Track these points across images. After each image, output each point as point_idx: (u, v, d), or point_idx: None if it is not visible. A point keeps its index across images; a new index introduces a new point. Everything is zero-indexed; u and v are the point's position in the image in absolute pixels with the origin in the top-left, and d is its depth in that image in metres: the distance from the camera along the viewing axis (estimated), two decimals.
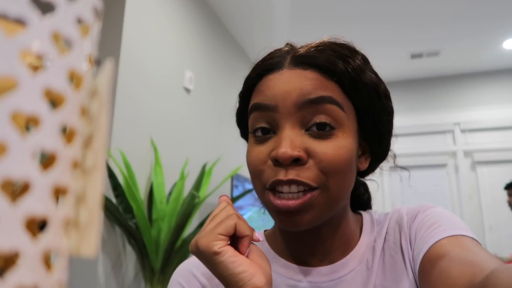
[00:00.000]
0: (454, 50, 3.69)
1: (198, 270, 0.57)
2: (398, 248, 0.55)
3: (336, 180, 0.48)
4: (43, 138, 0.14)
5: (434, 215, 0.53)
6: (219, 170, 2.56)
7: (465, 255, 0.44)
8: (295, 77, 0.50)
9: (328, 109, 0.48)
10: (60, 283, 0.15)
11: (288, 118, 0.48)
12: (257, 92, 0.53)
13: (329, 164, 0.47)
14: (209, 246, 0.43)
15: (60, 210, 0.15)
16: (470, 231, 0.50)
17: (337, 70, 0.50)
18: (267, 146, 0.50)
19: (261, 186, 0.50)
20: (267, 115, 0.50)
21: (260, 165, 0.50)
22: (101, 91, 0.18)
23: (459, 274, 0.42)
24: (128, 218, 1.71)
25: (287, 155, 0.46)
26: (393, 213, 0.60)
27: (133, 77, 1.92)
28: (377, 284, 0.52)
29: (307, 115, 0.48)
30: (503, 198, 3.66)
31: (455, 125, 4.21)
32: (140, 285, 1.88)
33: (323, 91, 0.48)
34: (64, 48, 0.16)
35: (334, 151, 0.47)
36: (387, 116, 0.55)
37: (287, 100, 0.48)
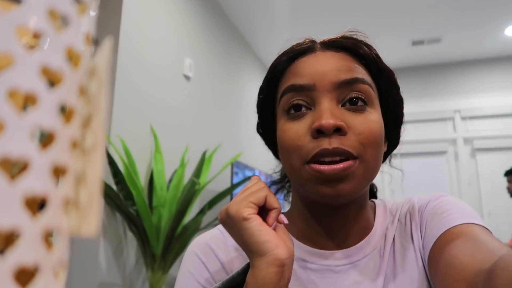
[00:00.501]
0: (455, 37, 3.66)
1: (214, 243, 0.57)
2: (409, 236, 0.55)
3: (372, 152, 0.49)
4: (41, 116, 0.14)
5: (445, 203, 0.54)
6: (219, 157, 2.57)
7: (475, 242, 0.45)
8: (330, 58, 0.53)
9: (362, 88, 0.51)
10: (61, 262, 0.15)
11: (325, 95, 0.50)
12: (291, 74, 0.54)
13: (367, 135, 0.49)
14: (239, 212, 0.44)
15: (59, 189, 0.15)
16: (481, 219, 0.50)
17: (364, 54, 0.54)
18: (305, 122, 0.50)
19: (299, 161, 0.49)
20: (304, 94, 0.51)
21: (299, 140, 0.50)
22: (100, 71, 0.17)
23: (469, 261, 0.42)
24: (129, 205, 1.72)
25: (331, 123, 0.47)
26: (405, 202, 0.61)
27: (132, 65, 1.91)
28: (387, 272, 0.53)
29: (343, 93, 0.50)
30: (502, 185, 3.68)
31: (455, 113, 4.20)
32: (141, 271, 1.90)
33: (357, 73, 0.51)
34: (61, 26, 0.16)
35: (370, 124, 0.49)
36: (401, 104, 0.58)
37: (325, 79, 0.50)
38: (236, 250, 0.57)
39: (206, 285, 0.54)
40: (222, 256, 0.56)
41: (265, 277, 0.42)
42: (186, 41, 2.45)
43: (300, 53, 0.55)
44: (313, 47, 0.55)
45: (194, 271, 0.55)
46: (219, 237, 0.58)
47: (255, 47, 3.74)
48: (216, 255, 0.56)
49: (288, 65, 0.56)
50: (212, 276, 0.55)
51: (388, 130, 0.57)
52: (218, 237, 0.58)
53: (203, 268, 0.55)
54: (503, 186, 3.61)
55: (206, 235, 0.59)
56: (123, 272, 1.78)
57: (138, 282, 1.88)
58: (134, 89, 1.92)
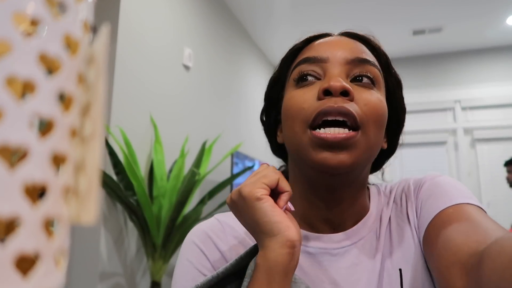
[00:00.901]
0: (456, 26, 3.64)
1: (212, 232, 0.57)
2: (405, 216, 0.56)
3: (374, 128, 0.50)
4: (40, 104, 0.14)
5: (440, 184, 0.54)
6: (219, 147, 2.57)
7: (470, 223, 0.45)
8: (345, 40, 0.56)
9: (372, 70, 0.53)
10: (61, 249, 0.15)
11: (336, 67, 0.52)
12: (306, 50, 0.56)
13: (372, 107, 0.50)
14: (252, 192, 0.45)
15: (59, 177, 0.15)
16: (476, 200, 0.51)
17: (376, 46, 0.57)
18: (312, 89, 0.51)
19: (302, 125, 0.50)
20: (316, 65, 0.53)
21: (304, 102, 0.50)
22: (98, 58, 0.17)
23: (464, 242, 0.42)
24: (129, 195, 1.72)
25: (339, 85, 0.48)
26: (400, 183, 0.61)
27: (131, 55, 1.90)
28: (384, 253, 0.53)
29: (353, 70, 0.52)
30: (501, 175, 3.68)
31: (456, 103, 4.19)
32: (142, 261, 1.91)
33: (369, 56, 0.54)
34: (58, 13, 0.16)
35: (376, 99, 0.51)
36: (404, 112, 0.60)
37: (338, 54, 0.52)
38: (235, 238, 0.57)
39: (207, 273, 0.54)
40: (221, 244, 0.56)
41: (277, 258, 0.43)
42: (186, 31, 2.43)
43: (317, 36, 0.58)
44: (329, 34, 0.59)
45: (194, 259, 0.55)
46: (217, 226, 0.58)
47: (255, 37, 3.71)
48: (215, 244, 0.56)
49: (303, 46, 0.58)
50: (212, 265, 0.54)
51: (389, 129, 0.57)
52: (216, 226, 0.58)
53: (202, 257, 0.55)
54: (503, 176, 3.62)
55: (203, 224, 0.59)
56: (124, 262, 1.80)
57: (139, 271, 1.89)
58: (133, 79, 1.91)
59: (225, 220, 0.59)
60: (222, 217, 0.60)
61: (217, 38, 2.90)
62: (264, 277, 0.43)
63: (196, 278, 0.53)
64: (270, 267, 0.43)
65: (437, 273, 0.46)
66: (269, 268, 0.43)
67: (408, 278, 0.51)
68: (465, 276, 0.40)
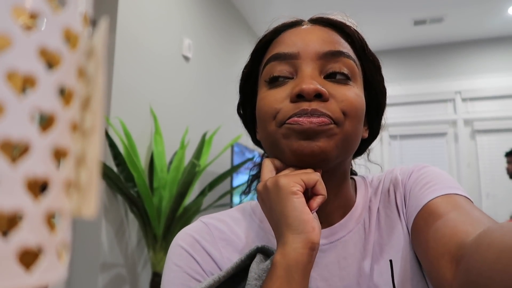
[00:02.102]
0: (458, 16, 3.61)
1: (199, 235, 0.55)
2: (394, 206, 0.56)
3: (353, 123, 0.49)
4: (41, 99, 0.14)
5: (428, 174, 0.54)
6: (220, 139, 2.56)
7: (458, 213, 0.45)
8: (317, 30, 0.52)
9: (346, 62, 0.50)
10: (64, 243, 0.15)
11: (308, 63, 0.50)
12: (276, 44, 0.54)
13: (349, 105, 0.48)
14: (289, 185, 0.45)
15: (61, 171, 0.15)
16: (463, 190, 0.51)
17: (350, 32, 0.54)
18: (285, 89, 0.50)
19: (275, 125, 0.49)
20: (287, 63, 0.51)
21: (277, 103, 0.49)
22: (97, 51, 0.17)
23: (453, 232, 0.43)
24: (130, 186, 1.73)
25: (311, 88, 0.46)
26: (387, 173, 0.61)
27: (131, 45, 1.89)
28: (374, 243, 0.53)
29: (326, 65, 0.50)
30: (501, 166, 3.69)
31: (456, 94, 4.18)
32: (143, 252, 1.92)
33: (342, 47, 0.51)
34: (58, 6, 0.16)
35: (352, 95, 0.49)
36: (384, 92, 0.58)
37: (309, 47, 0.50)
38: (223, 240, 0.55)
39: (197, 276, 0.52)
40: (209, 247, 0.54)
41: (297, 257, 0.42)
42: (185, 21, 2.42)
43: (286, 26, 0.55)
44: (300, 22, 0.56)
45: (182, 263, 0.53)
46: (204, 229, 0.56)
47: (255, 27, 3.69)
48: (203, 247, 0.54)
49: (273, 38, 0.55)
50: (202, 269, 0.52)
51: (369, 117, 0.56)
52: (203, 229, 0.56)
53: (191, 260, 0.53)
54: (502, 168, 3.62)
55: (189, 228, 0.57)
56: (125, 253, 1.81)
57: (140, 262, 1.90)
58: (133, 70, 1.90)
59: (211, 222, 0.57)
60: (207, 219, 0.58)
61: (216, 28, 2.88)
62: (284, 275, 0.42)
63: (186, 283, 0.51)
64: (289, 265, 0.42)
65: (427, 264, 0.46)
66: (289, 266, 0.42)
67: (398, 269, 0.51)
68: (455, 267, 0.41)
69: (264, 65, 0.53)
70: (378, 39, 4.06)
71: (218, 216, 0.59)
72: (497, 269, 0.33)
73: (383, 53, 4.47)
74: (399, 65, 4.33)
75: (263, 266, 0.46)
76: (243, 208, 0.61)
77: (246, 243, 0.55)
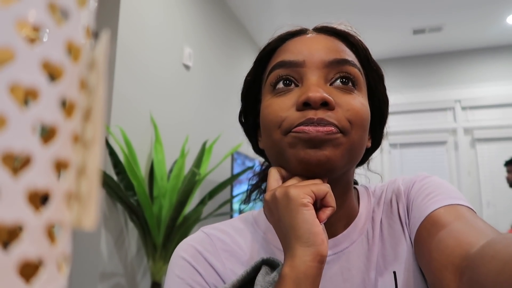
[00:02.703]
0: (457, 25, 3.63)
1: (201, 246, 0.55)
2: (396, 217, 0.55)
3: (358, 132, 0.48)
4: (43, 111, 0.14)
5: (430, 184, 0.54)
6: (220, 147, 2.57)
7: (461, 224, 0.45)
8: (322, 38, 0.53)
9: (351, 70, 0.51)
10: (64, 255, 0.15)
11: (314, 71, 0.50)
12: (280, 52, 0.54)
13: (355, 114, 0.48)
14: (300, 196, 0.44)
15: (62, 183, 0.15)
16: (466, 200, 0.50)
17: (354, 42, 0.54)
18: (291, 97, 0.49)
19: (280, 133, 0.48)
20: (292, 70, 0.51)
21: (282, 111, 0.49)
22: (99, 63, 0.17)
23: (456, 244, 0.42)
24: (130, 195, 1.72)
25: (318, 96, 0.46)
26: (389, 184, 0.60)
27: (131, 53, 1.90)
28: (377, 255, 0.53)
29: (331, 73, 0.50)
30: (501, 175, 3.68)
31: (456, 102, 4.19)
32: (142, 261, 1.91)
33: (347, 55, 0.51)
34: (60, 19, 0.16)
35: (358, 104, 0.49)
36: (387, 101, 0.58)
37: (315, 56, 0.50)
38: (226, 251, 0.55)
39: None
40: (211, 258, 0.54)
41: (307, 270, 0.41)
42: (186, 30, 2.43)
43: (291, 34, 0.55)
44: (304, 30, 0.56)
45: (185, 275, 0.52)
46: (206, 240, 0.56)
47: (255, 36, 3.71)
48: (206, 258, 0.54)
49: (278, 45, 0.55)
50: (205, 280, 0.52)
51: (372, 126, 0.56)
52: (204, 240, 0.56)
53: (193, 272, 0.52)
54: (503, 176, 3.62)
55: (191, 239, 0.57)
56: (125, 262, 1.80)
57: (139, 271, 1.89)
58: (133, 78, 1.91)
59: (212, 233, 0.57)
60: (209, 229, 0.58)
61: (217, 37, 2.90)
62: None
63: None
64: (299, 278, 0.41)
65: (430, 275, 0.46)
66: (298, 279, 0.41)
67: (402, 280, 0.51)
68: (459, 279, 0.40)
69: (269, 72, 0.53)
70: (378, 48, 4.08)
71: (220, 227, 0.59)
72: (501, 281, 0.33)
73: (382, 62, 4.45)
74: (398, 74, 4.34)
75: (269, 279, 0.46)
76: (245, 218, 0.61)
77: (249, 254, 0.55)
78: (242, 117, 0.62)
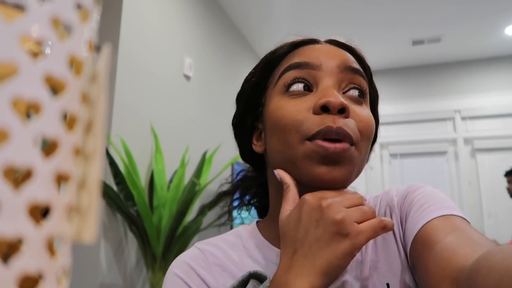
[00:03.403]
0: (455, 36, 3.66)
1: (194, 262, 0.55)
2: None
3: (365, 144, 0.49)
4: (45, 124, 0.14)
5: (423, 195, 0.53)
6: (220, 157, 2.56)
7: (456, 236, 0.44)
8: (335, 49, 0.54)
9: (362, 82, 0.52)
10: (64, 269, 0.15)
11: (330, 77, 0.50)
12: (294, 56, 0.54)
13: (366, 124, 0.49)
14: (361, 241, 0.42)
15: (62, 196, 0.15)
16: (460, 211, 0.50)
17: (362, 59, 0.56)
18: (306, 100, 0.49)
19: (299, 137, 0.48)
20: (307, 73, 0.51)
21: (299, 114, 0.48)
22: (100, 76, 0.17)
23: (452, 255, 0.42)
24: (129, 205, 1.72)
25: (338, 102, 0.46)
26: (383, 195, 0.60)
27: (132, 63, 1.91)
28: (371, 267, 0.52)
29: (345, 81, 0.51)
30: (502, 185, 3.67)
31: (455, 113, 4.20)
32: (142, 272, 1.90)
33: (359, 68, 0.53)
34: (63, 33, 0.16)
35: (368, 116, 0.50)
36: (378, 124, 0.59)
37: (332, 61, 0.51)
38: (219, 266, 0.55)
39: None
40: (204, 274, 0.54)
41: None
42: (186, 40, 2.45)
43: (304, 42, 0.56)
44: (317, 40, 0.57)
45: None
46: (199, 256, 0.56)
47: (255, 46, 3.74)
48: (198, 274, 0.54)
49: (290, 51, 0.55)
50: None
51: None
52: (198, 256, 0.56)
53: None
54: (503, 187, 3.60)
55: (184, 255, 0.57)
56: (124, 273, 1.79)
57: (139, 282, 1.88)
58: (134, 88, 1.92)
59: (206, 248, 0.57)
60: (202, 245, 0.58)
61: (217, 48, 2.92)
62: None
63: None
64: None
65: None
66: None
67: None
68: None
69: (282, 72, 0.53)
70: (378, 59, 4.10)
71: (214, 242, 0.59)
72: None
73: (383, 73, 4.52)
74: (398, 84, 4.36)
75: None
76: (238, 232, 0.61)
77: (241, 268, 0.55)
78: (238, 119, 0.61)
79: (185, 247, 1.86)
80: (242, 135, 0.61)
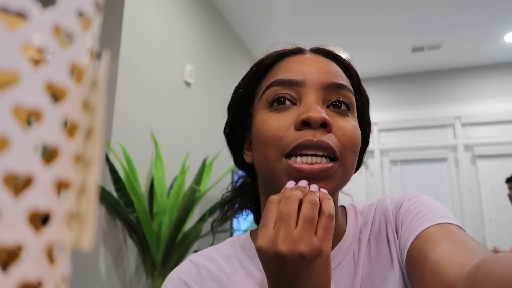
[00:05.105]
0: (455, 43, 3.68)
1: (187, 276, 0.55)
2: (384, 238, 0.55)
3: (351, 156, 0.49)
4: (45, 132, 0.14)
5: (419, 203, 0.53)
6: (220, 164, 2.56)
7: (452, 244, 0.44)
8: (320, 60, 0.53)
9: (347, 95, 0.52)
10: (63, 276, 0.15)
11: (313, 92, 0.50)
12: (279, 69, 0.54)
13: (350, 137, 0.49)
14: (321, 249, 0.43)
15: (62, 204, 0.15)
16: (455, 219, 0.50)
17: (348, 66, 0.56)
18: (289, 115, 0.50)
19: (277, 153, 0.48)
20: (291, 89, 0.51)
21: (281, 130, 0.49)
22: (99, 83, 0.17)
23: (448, 264, 0.42)
24: (129, 212, 1.71)
25: (319, 117, 0.46)
26: (378, 203, 0.60)
27: (133, 70, 1.92)
28: (363, 276, 0.52)
29: (329, 95, 0.51)
30: (503, 192, 3.66)
31: (455, 119, 4.21)
32: (141, 279, 1.89)
33: (344, 80, 0.53)
34: (65, 41, 0.16)
35: (352, 128, 0.50)
36: (370, 128, 0.59)
37: (314, 77, 0.51)
38: (212, 280, 0.55)
39: None
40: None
41: None
42: (187, 47, 2.46)
43: (289, 52, 0.56)
44: (302, 50, 0.57)
45: None
46: (192, 270, 0.56)
47: (255, 53, 3.75)
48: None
49: (275, 62, 0.56)
50: None
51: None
52: (191, 270, 0.56)
53: None
54: (504, 193, 3.60)
55: (178, 270, 0.57)
56: (123, 280, 1.78)
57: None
58: (134, 95, 1.92)
59: (200, 262, 0.57)
60: (196, 258, 0.58)
61: (218, 54, 2.93)
62: None
63: None
64: None
65: None
66: None
67: None
68: None
69: (266, 88, 0.53)
70: (378, 66, 4.12)
71: (208, 253, 0.59)
72: None
73: (383, 79, 4.54)
74: (398, 91, 4.37)
75: None
76: (232, 242, 0.61)
77: (234, 281, 0.55)
78: (228, 129, 0.61)
79: (185, 254, 1.85)
80: (233, 144, 0.62)
